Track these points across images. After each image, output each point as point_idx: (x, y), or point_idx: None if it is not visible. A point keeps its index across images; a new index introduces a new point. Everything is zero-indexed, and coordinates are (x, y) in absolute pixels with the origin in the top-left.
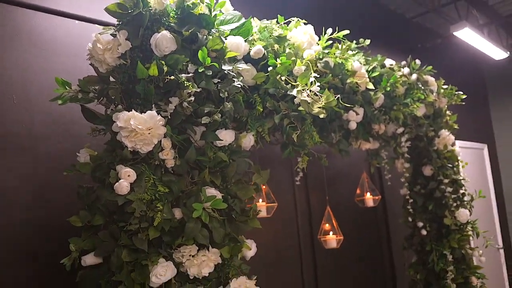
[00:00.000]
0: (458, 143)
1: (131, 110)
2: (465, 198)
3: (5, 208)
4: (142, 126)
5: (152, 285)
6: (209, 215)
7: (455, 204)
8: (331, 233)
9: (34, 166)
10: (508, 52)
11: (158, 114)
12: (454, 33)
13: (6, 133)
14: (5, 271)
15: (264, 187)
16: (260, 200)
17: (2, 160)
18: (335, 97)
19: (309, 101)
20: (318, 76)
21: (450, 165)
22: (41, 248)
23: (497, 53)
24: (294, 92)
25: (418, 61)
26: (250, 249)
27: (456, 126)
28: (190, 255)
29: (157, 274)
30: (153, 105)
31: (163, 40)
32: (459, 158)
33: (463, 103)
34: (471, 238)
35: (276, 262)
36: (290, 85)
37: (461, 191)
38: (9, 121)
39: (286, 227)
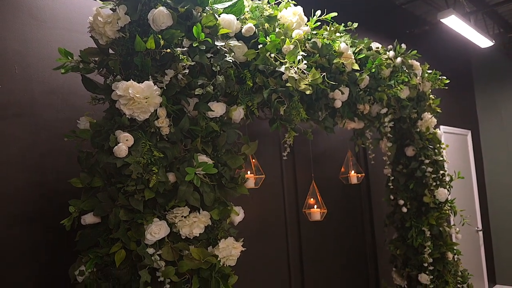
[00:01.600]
0: (443, 128)
1: (129, 81)
2: (445, 178)
3: (8, 174)
4: (139, 95)
5: (147, 242)
6: (201, 180)
7: (435, 184)
8: (315, 206)
9: (34, 133)
10: (494, 41)
11: (154, 84)
12: (441, 20)
13: (9, 101)
14: (7, 233)
15: (253, 160)
16: (249, 172)
17: (5, 127)
18: (321, 75)
19: (296, 78)
20: (306, 55)
21: (431, 146)
22: (42, 211)
23: (483, 41)
24: (282, 69)
25: (403, 45)
26: (238, 215)
27: (439, 110)
28: (182, 216)
29: (151, 232)
30: (149, 77)
31: (160, 16)
32: (441, 140)
33: (446, 87)
34: (450, 217)
35: (263, 233)
36: (278, 62)
37: (441, 172)
38: (11, 90)
39: (273, 200)
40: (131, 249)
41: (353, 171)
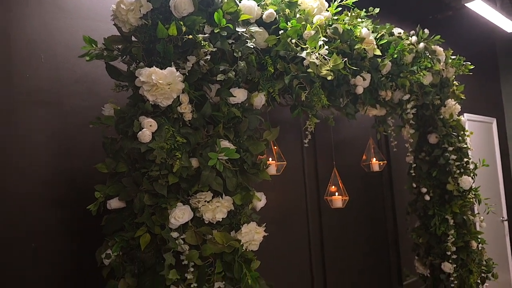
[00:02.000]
0: (467, 116)
1: (152, 67)
2: (469, 166)
3: (38, 159)
4: (162, 81)
5: (171, 226)
6: (223, 165)
7: (458, 171)
8: (336, 194)
9: (60, 121)
10: None
11: (177, 71)
12: (466, 5)
13: (36, 89)
14: (35, 217)
15: (275, 147)
16: (270, 159)
17: (34, 112)
18: (343, 60)
19: (317, 63)
20: (327, 41)
21: (455, 133)
22: (68, 196)
23: (509, 26)
24: (303, 54)
25: (426, 31)
26: (260, 200)
27: (462, 96)
28: (205, 201)
29: (175, 217)
30: (172, 63)
31: (181, 3)
32: (465, 127)
33: (471, 73)
34: (474, 205)
35: (284, 220)
36: (299, 48)
37: (465, 159)
38: (38, 78)
39: (294, 187)
40: (156, 233)
41: (374, 159)
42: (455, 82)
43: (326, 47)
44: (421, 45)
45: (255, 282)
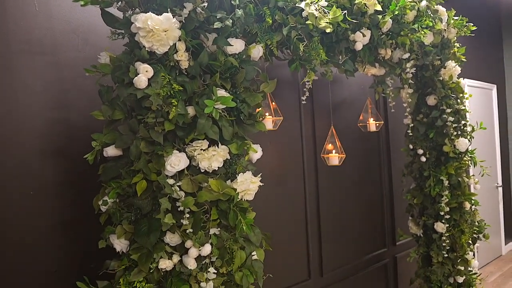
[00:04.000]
0: (467, 81)
1: (148, 13)
2: (466, 129)
3: (33, 110)
4: (158, 27)
5: (167, 173)
6: (219, 114)
7: (455, 133)
8: (333, 152)
9: (56, 71)
10: None
11: (173, 17)
12: None
13: (31, 38)
14: (33, 167)
15: (273, 103)
16: (267, 114)
17: (29, 62)
18: (342, 13)
19: (316, 15)
20: None
21: (454, 95)
22: (65, 146)
23: None
24: (302, 5)
25: None
26: (256, 152)
27: (463, 58)
28: (201, 149)
29: (171, 163)
30: (168, 10)
31: None
32: (464, 90)
33: (473, 34)
34: (469, 168)
35: (280, 176)
36: None
37: (463, 122)
38: (33, 28)
39: (291, 145)
40: (152, 180)
41: (372, 119)
42: (456, 43)
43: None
44: (423, 3)
45: (250, 229)
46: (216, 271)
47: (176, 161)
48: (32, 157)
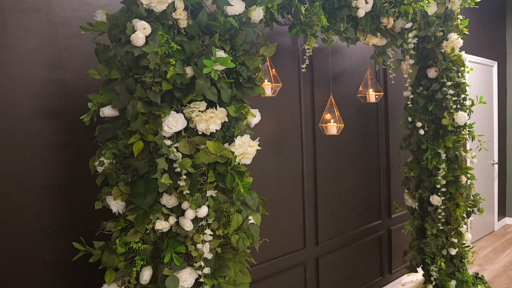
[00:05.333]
0: (468, 57)
1: None
2: (466, 102)
3: (28, 69)
4: None
5: (164, 134)
6: (218, 75)
7: (455, 107)
8: (332, 121)
9: (52, 30)
10: None
11: None
12: None
13: None
14: (27, 126)
15: (272, 70)
16: (266, 80)
17: (22, 19)
18: None
19: None
20: None
21: (455, 68)
22: (61, 106)
23: None
24: None
25: None
26: (255, 117)
27: (466, 31)
28: (199, 111)
29: (168, 124)
30: None
31: None
32: (465, 63)
33: (477, 6)
34: (467, 142)
35: (279, 144)
36: None
37: (463, 95)
38: None
39: (290, 114)
40: (149, 141)
41: (371, 90)
42: (459, 16)
43: None
44: None
45: (247, 192)
46: (212, 233)
47: (173, 122)
48: (27, 118)
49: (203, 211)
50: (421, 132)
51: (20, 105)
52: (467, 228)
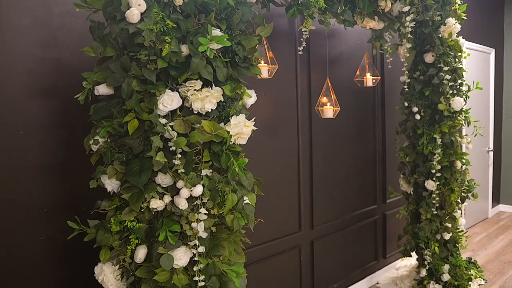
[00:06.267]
0: (466, 43)
1: None
2: (462, 88)
3: (22, 47)
4: None
5: (159, 112)
6: (214, 54)
7: (451, 92)
8: (328, 104)
9: (45, 8)
10: None
11: None
12: None
13: None
14: (21, 105)
15: (269, 53)
16: (262, 61)
17: None
18: None
19: None
20: None
21: (452, 53)
22: (55, 85)
23: None
24: None
25: None
26: (251, 97)
27: (464, 16)
28: (194, 90)
29: (163, 103)
30: None
31: None
32: (462, 49)
33: None
34: (463, 128)
35: (274, 127)
36: None
37: (459, 81)
38: None
39: (286, 96)
40: (144, 119)
41: (368, 74)
42: (457, 0)
43: None
44: None
45: (243, 172)
46: (207, 212)
47: (168, 100)
48: (21, 97)
49: (198, 190)
50: (417, 117)
51: (14, 83)
52: (461, 213)
